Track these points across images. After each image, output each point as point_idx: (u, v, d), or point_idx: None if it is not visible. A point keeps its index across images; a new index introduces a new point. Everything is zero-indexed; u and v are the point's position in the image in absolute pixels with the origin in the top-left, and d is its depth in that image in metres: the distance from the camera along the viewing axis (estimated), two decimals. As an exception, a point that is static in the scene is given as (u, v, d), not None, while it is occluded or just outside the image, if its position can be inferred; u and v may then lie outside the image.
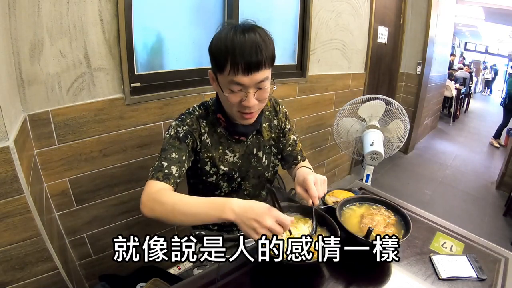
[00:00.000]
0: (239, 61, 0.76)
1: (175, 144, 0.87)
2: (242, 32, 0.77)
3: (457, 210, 2.78)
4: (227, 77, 0.79)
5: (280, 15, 1.97)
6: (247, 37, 0.76)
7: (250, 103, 0.82)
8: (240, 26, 0.80)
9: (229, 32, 0.77)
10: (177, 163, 0.85)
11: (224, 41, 0.77)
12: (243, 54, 0.75)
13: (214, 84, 0.88)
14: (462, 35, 12.68)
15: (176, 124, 0.91)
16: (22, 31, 1.01)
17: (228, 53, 0.76)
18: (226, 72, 0.78)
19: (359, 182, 1.32)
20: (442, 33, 3.99)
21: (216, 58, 0.80)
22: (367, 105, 1.89)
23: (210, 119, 0.95)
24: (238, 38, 0.76)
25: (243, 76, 0.77)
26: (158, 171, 0.82)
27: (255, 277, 0.80)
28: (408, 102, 3.73)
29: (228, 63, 0.77)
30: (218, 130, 0.95)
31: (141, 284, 1.35)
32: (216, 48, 0.79)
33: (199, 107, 0.97)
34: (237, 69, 0.77)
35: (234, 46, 0.76)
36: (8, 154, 0.80)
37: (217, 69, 0.81)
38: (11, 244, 0.88)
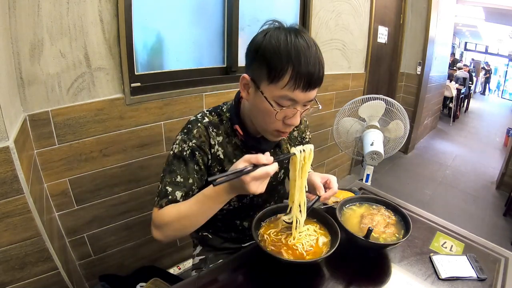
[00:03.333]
0: (302, 74, 0.66)
1: (180, 166, 0.79)
2: (304, 40, 0.67)
3: (457, 210, 2.78)
4: (280, 91, 0.68)
5: (280, 15, 1.96)
6: (310, 47, 0.66)
7: (296, 121, 0.73)
8: (295, 31, 0.69)
9: (288, 36, 0.66)
10: (182, 188, 0.78)
11: (285, 46, 0.65)
12: (308, 67, 0.66)
13: (248, 92, 0.76)
14: (462, 35, 12.68)
15: (182, 138, 0.81)
16: (22, 31, 1.01)
17: (290, 62, 0.65)
18: (282, 84, 0.67)
19: (359, 182, 1.32)
20: (442, 33, 3.98)
21: (272, 64, 0.67)
22: (367, 105, 1.89)
23: (224, 128, 0.84)
24: (302, 46, 0.66)
25: (301, 91, 0.68)
26: (162, 198, 0.77)
27: (255, 277, 0.80)
28: (408, 102, 3.73)
29: (287, 74, 0.66)
30: (233, 140, 0.85)
31: (141, 284, 1.35)
32: (274, 52, 0.66)
33: (210, 113, 0.86)
34: (298, 84, 0.66)
35: (299, 55, 0.65)
36: (8, 154, 0.80)
37: (270, 78, 0.68)
38: (11, 244, 0.88)
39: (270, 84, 0.69)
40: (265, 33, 0.70)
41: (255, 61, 0.71)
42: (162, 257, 1.72)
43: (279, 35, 0.68)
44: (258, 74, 0.70)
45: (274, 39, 0.67)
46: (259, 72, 0.70)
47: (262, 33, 0.71)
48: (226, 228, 1.02)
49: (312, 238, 0.79)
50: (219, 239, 1.03)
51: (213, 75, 1.67)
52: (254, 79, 0.72)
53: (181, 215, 0.74)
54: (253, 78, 0.72)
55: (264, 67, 0.68)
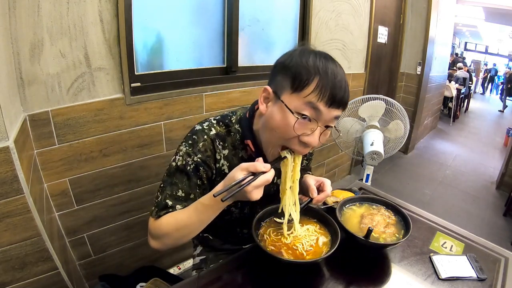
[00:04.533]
0: (328, 85, 0.65)
1: (183, 180, 0.77)
2: (332, 60, 0.69)
3: (457, 210, 2.78)
4: (303, 98, 0.66)
5: (280, 15, 1.97)
6: (338, 69, 0.68)
7: (313, 140, 0.70)
8: (325, 54, 0.70)
9: (318, 55, 0.68)
10: (183, 203, 0.77)
11: (313, 60, 0.67)
12: (334, 82, 0.66)
13: (267, 106, 0.73)
14: (462, 35, 12.69)
15: (186, 151, 0.77)
16: (22, 31, 1.01)
17: (317, 73, 0.65)
18: (307, 92, 0.66)
19: (359, 182, 1.32)
20: (442, 33, 3.98)
21: (298, 74, 0.66)
22: (367, 105, 1.89)
23: (231, 140, 0.81)
24: (330, 63, 0.67)
25: (325, 105, 0.66)
26: (161, 210, 0.76)
27: (255, 277, 0.80)
28: (408, 102, 3.73)
29: (313, 83, 0.65)
30: (239, 154, 0.82)
31: (141, 284, 1.35)
32: (302, 63, 0.67)
33: (218, 123, 0.82)
34: (323, 94, 0.65)
35: (327, 67, 0.66)
36: (8, 154, 0.80)
37: (294, 87, 0.67)
38: (11, 244, 0.88)
39: (293, 93, 0.67)
40: (293, 49, 0.71)
41: (280, 73, 0.70)
42: (162, 257, 1.72)
43: (309, 52, 0.69)
44: (281, 85, 0.69)
45: (303, 54, 0.68)
46: (282, 83, 0.69)
47: (293, 50, 0.72)
48: (226, 233, 1.02)
49: (312, 238, 0.79)
50: (220, 240, 1.03)
51: (213, 75, 1.67)
52: (276, 91, 0.71)
53: (179, 225, 0.74)
54: (275, 90, 0.71)
55: (289, 77, 0.68)
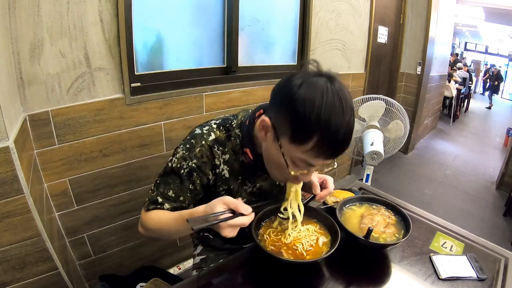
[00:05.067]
0: (329, 145, 0.61)
1: (175, 182, 0.77)
2: (340, 102, 0.59)
3: (457, 210, 2.77)
4: (300, 154, 0.64)
5: (280, 15, 1.97)
6: (345, 113, 0.59)
7: (308, 179, 0.71)
8: (335, 89, 0.60)
9: (325, 96, 0.58)
10: (172, 202, 0.78)
11: (318, 110, 0.58)
12: (337, 138, 0.60)
13: (266, 135, 0.70)
14: (462, 35, 12.68)
15: (182, 155, 0.77)
16: (22, 31, 1.01)
17: (318, 130, 0.59)
18: (304, 148, 0.62)
19: (359, 182, 1.31)
20: (442, 33, 3.98)
21: (298, 128, 0.61)
22: (367, 105, 1.89)
23: (231, 145, 0.80)
24: (336, 113, 0.59)
25: (322, 160, 0.64)
26: (152, 204, 0.79)
27: (255, 277, 0.80)
28: (408, 102, 3.73)
29: (312, 141, 0.60)
30: (240, 158, 0.81)
31: (141, 284, 1.35)
32: (304, 114, 0.59)
33: (218, 127, 0.80)
34: (321, 153, 0.62)
35: (330, 125, 0.58)
36: (8, 154, 0.80)
37: (292, 139, 0.63)
38: (11, 244, 0.88)
39: (291, 144, 0.63)
40: (300, 82, 0.61)
41: (280, 111, 0.64)
42: (162, 257, 1.72)
43: (315, 93, 0.59)
44: (281, 127, 0.64)
45: (308, 97, 0.59)
46: (282, 126, 0.64)
47: (297, 80, 0.62)
48: None
49: (312, 238, 0.79)
50: (220, 240, 1.03)
51: (213, 75, 1.67)
52: (275, 128, 0.66)
53: (160, 226, 0.77)
54: (275, 126, 0.66)
55: (289, 125, 0.62)
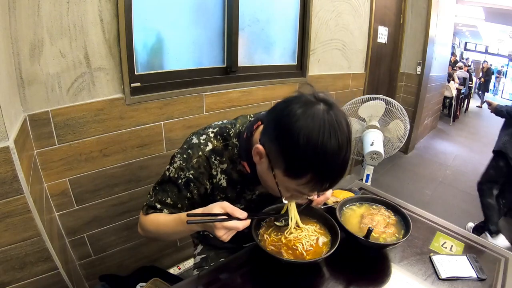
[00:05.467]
0: (322, 182, 0.61)
1: (173, 190, 0.78)
2: (336, 141, 0.57)
3: (457, 210, 2.77)
4: (294, 186, 0.64)
5: (280, 15, 1.97)
6: (340, 151, 0.58)
7: (302, 201, 0.73)
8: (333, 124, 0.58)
9: (321, 133, 0.56)
10: (170, 208, 0.80)
11: (313, 147, 0.56)
12: (331, 176, 0.61)
13: (260, 160, 0.68)
14: (462, 35, 12.68)
15: (179, 166, 0.77)
16: (22, 31, 1.01)
17: (312, 169, 0.59)
18: (297, 183, 0.62)
19: (359, 182, 1.32)
20: (442, 33, 3.98)
21: (293, 164, 0.60)
22: (367, 105, 1.89)
23: (229, 154, 0.79)
24: (332, 150, 0.57)
25: (315, 192, 0.66)
26: (151, 209, 0.81)
27: (255, 277, 0.80)
28: (408, 102, 3.73)
29: (305, 178, 0.60)
30: (238, 167, 0.80)
31: (141, 284, 1.35)
32: (298, 151, 0.58)
33: (215, 136, 0.79)
34: (315, 188, 0.63)
35: (325, 163, 0.58)
36: (8, 154, 0.80)
37: (286, 173, 0.62)
38: (11, 244, 0.88)
39: (285, 176, 0.63)
40: (296, 118, 0.58)
41: (275, 142, 0.62)
42: (162, 257, 1.72)
43: (311, 130, 0.57)
44: (275, 159, 0.63)
45: (303, 133, 0.57)
46: (276, 158, 0.63)
47: (295, 109, 0.59)
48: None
49: (312, 238, 0.79)
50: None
51: (213, 75, 1.67)
52: (269, 157, 0.65)
53: (159, 228, 0.79)
54: (269, 155, 0.65)
55: (283, 160, 0.61)
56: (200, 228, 0.72)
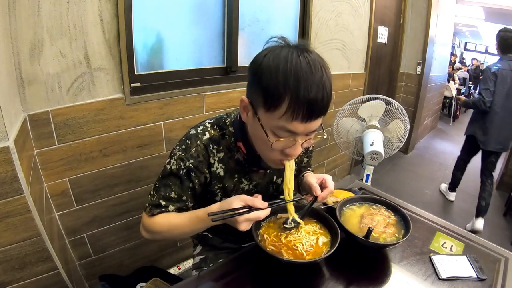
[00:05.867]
0: (301, 104, 0.59)
1: (176, 183, 0.78)
2: (307, 62, 0.59)
3: (457, 210, 2.78)
4: (277, 121, 0.62)
5: (280, 15, 1.97)
6: (314, 71, 0.58)
7: (296, 152, 0.69)
8: (301, 50, 0.61)
9: (289, 57, 0.59)
10: (175, 203, 0.80)
11: (284, 70, 0.58)
12: (308, 95, 0.58)
13: (247, 115, 0.70)
14: (462, 35, 12.69)
15: (179, 156, 0.77)
16: (22, 31, 1.01)
17: (288, 90, 0.58)
18: (279, 113, 0.61)
19: (359, 182, 1.32)
20: (442, 33, 3.98)
21: (268, 91, 0.60)
22: (367, 105, 1.89)
23: (226, 143, 0.80)
24: (303, 70, 0.58)
25: (300, 122, 0.62)
26: (155, 208, 0.79)
27: (255, 277, 0.80)
28: (408, 102, 3.73)
29: (284, 103, 0.59)
30: (235, 156, 0.81)
31: (141, 284, 1.35)
32: (271, 77, 0.59)
33: (212, 126, 0.80)
34: (296, 114, 0.60)
35: (299, 81, 0.57)
36: (8, 154, 0.80)
37: (266, 106, 0.62)
38: (11, 244, 0.88)
39: (267, 112, 0.63)
40: (265, 53, 0.63)
41: (253, 84, 0.64)
42: (162, 257, 1.72)
43: (278, 56, 0.60)
44: (256, 99, 0.64)
45: (272, 61, 0.60)
46: (256, 97, 0.64)
47: (263, 52, 0.64)
48: (226, 230, 1.01)
49: (312, 238, 0.79)
50: (219, 239, 1.03)
51: (213, 75, 1.67)
52: (252, 103, 0.66)
53: (172, 227, 0.79)
54: (252, 102, 0.66)
55: (260, 93, 0.62)
56: (220, 223, 0.72)
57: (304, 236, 0.79)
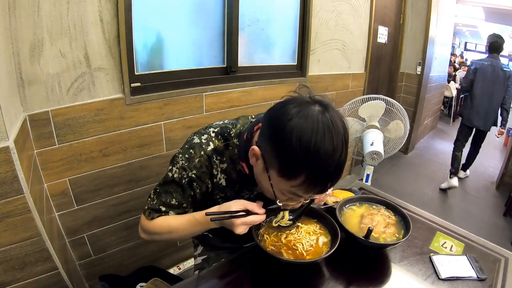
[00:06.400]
0: (317, 183, 0.60)
1: (177, 191, 0.79)
2: (330, 142, 0.57)
3: (457, 210, 2.78)
4: (289, 188, 0.63)
5: (280, 15, 1.97)
6: (334, 154, 0.57)
7: (298, 205, 0.73)
8: (327, 122, 0.57)
9: (313, 136, 0.56)
10: (176, 209, 0.80)
11: (306, 149, 0.56)
12: (326, 177, 0.60)
13: (256, 162, 0.69)
14: (462, 35, 12.68)
15: (182, 166, 0.77)
16: (22, 31, 1.01)
17: (306, 168, 0.58)
18: (291, 184, 0.61)
19: (359, 182, 1.32)
20: (442, 33, 3.98)
21: (286, 164, 0.60)
22: (367, 105, 1.89)
23: (229, 154, 0.79)
24: (325, 152, 0.56)
25: (310, 194, 0.64)
26: (155, 212, 0.80)
27: (255, 277, 0.80)
28: (408, 102, 3.73)
29: (300, 178, 0.59)
30: (237, 167, 0.80)
31: (141, 284, 1.35)
32: (290, 151, 0.57)
33: (216, 136, 0.79)
34: (309, 190, 0.61)
35: (318, 164, 0.57)
36: (8, 154, 0.80)
37: (280, 173, 0.61)
38: (11, 244, 0.88)
39: (280, 177, 0.62)
40: (291, 115, 0.58)
41: (269, 142, 0.62)
42: (162, 257, 1.72)
43: (304, 129, 0.56)
44: (270, 159, 0.63)
45: (296, 132, 0.56)
46: (270, 158, 0.63)
47: (290, 109, 0.60)
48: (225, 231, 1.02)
49: (312, 238, 0.79)
50: (220, 239, 1.04)
51: (213, 75, 1.67)
52: (264, 158, 0.65)
53: (171, 230, 0.79)
54: (264, 156, 0.65)
55: (277, 159, 0.61)
56: (217, 225, 0.73)
57: (304, 236, 0.79)
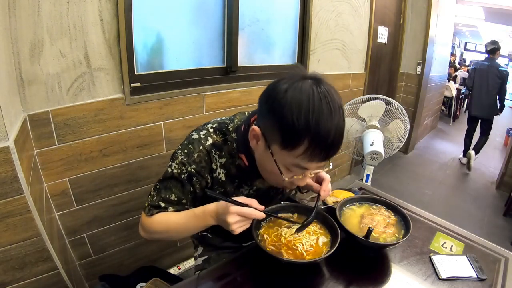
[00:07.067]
0: (320, 147, 0.61)
1: (177, 186, 0.79)
2: (327, 103, 0.60)
3: (457, 210, 2.78)
4: (293, 159, 0.64)
5: (280, 15, 1.97)
6: (333, 118, 0.60)
7: (304, 183, 0.72)
8: (321, 90, 0.60)
9: (311, 99, 0.59)
10: (175, 205, 0.80)
11: (305, 114, 0.58)
12: (327, 140, 0.60)
13: (257, 143, 0.70)
14: (462, 35, 12.67)
15: (181, 161, 0.77)
16: (22, 31, 1.01)
17: (308, 135, 0.59)
18: (296, 153, 0.62)
19: (359, 182, 1.32)
20: (442, 33, 3.99)
21: (288, 133, 0.61)
22: (367, 105, 1.89)
23: (228, 148, 0.80)
24: (324, 114, 0.59)
25: (316, 163, 0.64)
26: (155, 209, 0.80)
27: (255, 277, 0.80)
28: (408, 102, 3.73)
29: (303, 145, 0.60)
30: (237, 162, 0.81)
31: (141, 284, 1.35)
32: (292, 120, 0.59)
33: (215, 131, 0.80)
34: (314, 156, 0.62)
35: (319, 127, 0.59)
36: (8, 154, 0.80)
37: (283, 144, 0.62)
38: (11, 244, 0.88)
39: (283, 150, 0.63)
40: (286, 88, 0.61)
41: (268, 118, 0.64)
42: (162, 257, 1.72)
43: (300, 97, 0.59)
44: (270, 134, 0.64)
45: (294, 101, 0.59)
46: (271, 133, 0.64)
47: (283, 84, 0.62)
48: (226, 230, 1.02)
49: (312, 238, 0.79)
50: (220, 238, 1.04)
51: (213, 75, 1.67)
52: (265, 136, 0.66)
53: (169, 227, 0.79)
54: (264, 134, 0.67)
55: (278, 132, 0.62)
56: (214, 219, 0.73)
57: (304, 236, 0.79)
